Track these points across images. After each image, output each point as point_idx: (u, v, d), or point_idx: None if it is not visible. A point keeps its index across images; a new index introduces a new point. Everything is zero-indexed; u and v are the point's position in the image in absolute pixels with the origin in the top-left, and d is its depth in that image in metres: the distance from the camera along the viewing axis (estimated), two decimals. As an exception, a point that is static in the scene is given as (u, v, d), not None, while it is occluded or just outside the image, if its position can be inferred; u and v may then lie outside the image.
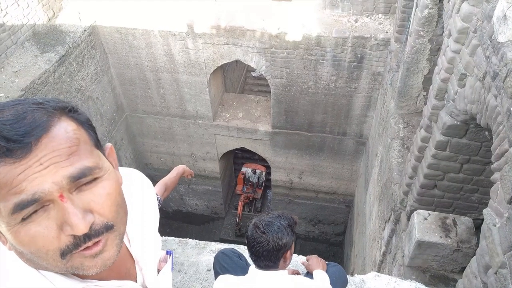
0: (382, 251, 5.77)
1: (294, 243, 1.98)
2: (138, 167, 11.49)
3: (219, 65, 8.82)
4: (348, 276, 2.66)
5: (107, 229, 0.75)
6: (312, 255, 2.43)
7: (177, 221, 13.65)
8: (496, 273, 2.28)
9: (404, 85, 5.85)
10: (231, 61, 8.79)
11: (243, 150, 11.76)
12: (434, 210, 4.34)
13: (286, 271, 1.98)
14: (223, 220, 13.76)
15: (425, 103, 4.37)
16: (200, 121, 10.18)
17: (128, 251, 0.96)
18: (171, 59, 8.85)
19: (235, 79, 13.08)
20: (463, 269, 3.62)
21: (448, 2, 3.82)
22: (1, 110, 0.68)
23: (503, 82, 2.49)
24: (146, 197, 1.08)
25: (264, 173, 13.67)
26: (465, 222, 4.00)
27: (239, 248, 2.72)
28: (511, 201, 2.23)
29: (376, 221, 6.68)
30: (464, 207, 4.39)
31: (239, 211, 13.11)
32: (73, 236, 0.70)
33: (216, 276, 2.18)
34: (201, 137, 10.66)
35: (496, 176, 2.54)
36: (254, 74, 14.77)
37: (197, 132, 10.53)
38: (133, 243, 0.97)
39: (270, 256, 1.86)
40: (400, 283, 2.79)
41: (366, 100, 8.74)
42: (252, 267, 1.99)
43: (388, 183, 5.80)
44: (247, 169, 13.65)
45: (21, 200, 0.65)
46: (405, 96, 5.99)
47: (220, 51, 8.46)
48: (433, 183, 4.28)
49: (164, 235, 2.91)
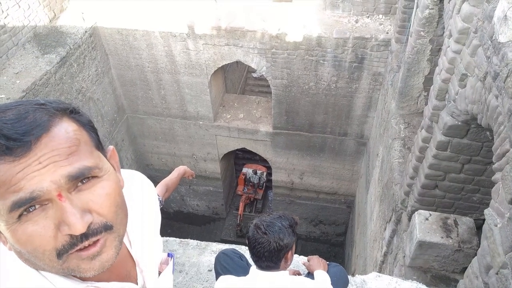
0: (383, 252, 5.76)
1: (295, 244, 1.98)
2: (139, 168, 11.51)
3: (220, 66, 8.83)
4: (349, 277, 2.65)
5: (106, 229, 0.74)
6: (313, 255, 2.43)
7: (178, 221, 13.65)
8: (497, 274, 2.27)
9: (405, 85, 5.85)
10: (231, 62, 8.79)
11: (244, 150, 11.76)
12: (435, 211, 4.34)
13: (287, 271, 1.98)
14: (224, 220, 13.76)
15: (426, 104, 4.36)
16: (201, 122, 10.19)
17: (129, 252, 0.96)
18: (171, 60, 8.85)
19: (235, 80, 13.09)
20: (464, 269, 3.62)
21: (449, 2, 3.82)
22: (4, 111, 0.69)
23: (504, 82, 2.48)
24: (147, 199, 1.08)
25: (265, 173, 13.66)
26: (466, 222, 3.99)
27: (240, 249, 2.72)
28: (512, 201, 2.23)
29: (377, 221, 6.67)
30: (465, 208, 4.39)
31: (240, 212, 13.11)
32: (70, 236, 0.70)
33: (217, 277, 2.18)
34: (202, 138, 10.67)
35: (497, 176, 2.54)
36: (254, 75, 14.78)
37: (198, 133, 10.54)
38: (134, 245, 0.97)
39: (271, 256, 1.85)
40: (401, 284, 2.78)
41: (367, 100, 8.74)
42: (253, 268, 1.99)
43: (389, 183, 5.79)
44: (248, 170, 13.65)
45: (19, 198, 0.65)
46: (406, 97, 5.98)
47: (220, 52, 8.46)
48: (434, 183, 4.28)
49: (165, 235, 2.92)
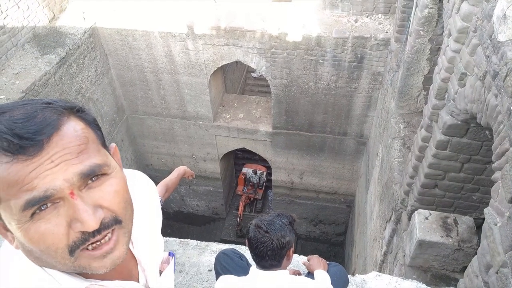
0: (383, 251, 5.77)
1: (295, 242, 1.99)
2: (138, 168, 11.50)
3: (219, 66, 8.83)
4: (349, 276, 2.66)
5: (116, 222, 0.76)
6: (313, 255, 2.43)
7: (178, 222, 13.65)
8: (497, 272, 2.28)
9: (405, 84, 5.85)
10: (231, 62, 8.79)
11: (243, 150, 11.76)
12: (435, 210, 4.34)
13: (287, 271, 1.98)
14: (224, 220, 13.76)
15: (426, 103, 4.37)
16: (201, 122, 10.19)
17: (131, 251, 0.97)
18: (171, 60, 8.85)
19: (235, 79, 13.09)
20: (464, 268, 3.62)
21: (448, 1, 3.83)
22: (10, 110, 0.70)
23: (503, 81, 2.49)
24: (149, 198, 1.09)
25: (265, 173, 13.66)
26: (466, 221, 4.00)
27: (240, 249, 2.72)
28: (512, 200, 2.23)
29: (377, 221, 6.68)
30: (465, 207, 4.39)
31: (240, 212, 13.11)
32: (82, 232, 0.71)
33: (217, 277, 2.18)
34: (201, 138, 10.67)
35: (497, 175, 2.54)
36: (254, 74, 14.78)
37: (198, 133, 10.54)
38: (135, 243, 0.98)
39: (274, 255, 1.86)
40: (401, 283, 2.79)
41: (367, 100, 8.74)
42: (253, 268, 1.99)
43: (389, 182, 5.80)
44: (247, 170, 13.65)
45: (33, 197, 0.66)
46: (406, 96, 5.99)
47: (220, 52, 8.46)
48: (434, 182, 4.28)
49: (165, 235, 2.91)
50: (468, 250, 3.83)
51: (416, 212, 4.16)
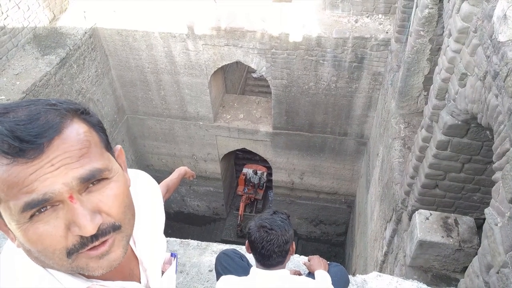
0: (383, 251, 5.77)
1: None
2: (139, 168, 11.32)
3: (220, 66, 8.83)
4: (350, 276, 2.66)
5: (114, 229, 0.76)
6: (313, 255, 2.43)
7: (178, 222, 13.65)
8: (498, 273, 2.28)
9: (405, 85, 5.85)
10: (231, 62, 8.79)
11: (244, 151, 11.76)
12: (436, 210, 4.34)
13: (288, 270, 1.98)
14: (224, 221, 13.76)
15: (426, 103, 4.37)
16: (201, 122, 10.19)
17: (133, 251, 0.97)
18: (171, 61, 8.86)
19: (235, 80, 13.09)
20: (465, 268, 3.62)
21: (448, 1, 3.83)
22: (14, 110, 0.69)
23: (503, 82, 2.49)
24: (152, 198, 1.09)
25: (265, 173, 13.66)
26: (466, 221, 4.00)
27: (241, 249, 2.72)
28: (512, 200, 2.23)
29: (377, 221, 6.67)
30: (466, 207, 4.39)
31: (240, 212, 13.11)
32: (80, 236, 0.71)
33: (217, 277, 2.18)
34: (202, 138, 10.67)
35: (497, 175, 2.54)
36: (254, 75, 14.78)
37: (198, 133, 10.54)
38: (138, 244, 0.98)
39: (281, 251, 1.88)
40: (402, 283, 2.79)
41: (367, 100, 8.74)
42: (253, 268, 1.99)
43: (389, 183, 5.80)
44: (248, 170, 13.65)
45: (32, 199, 0.66)
46: (406, 96, 5.99)
47: (220, 52, 8.47)
48: (434, 182, 4.28)
49: (166, 236, 2.90)
50: (469, 250, 3.83)
51: (416, 212, 4.16)
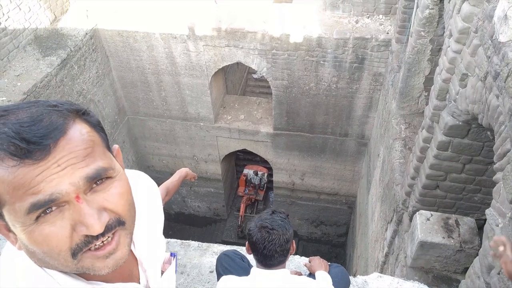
0: (384, 252, 5.76)
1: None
2: (140, 169, 11.42)
3: (220, 67, 8.83)
4: (351, 277, 2.65)
5: (119, 224, 0.76)
6: (314, 256, 2.43)
7: (179, 223, 13.66)
8: (499, 274, 2.27)
9: (406, 85, 5.85)
10: (232, 63, 8.80)
11: (244, 151, 11.77)
12: (437, 211, 4.33)
13: (288, 270, 1.98)
14: (225, 222, 13.76)
15: (427, 104, 4.36)
16: (202, 123, 10.20)
17: (132, 252, 0.97)
18: (172, 62, 8.86)
19: (236, 81, 13.10)
20: (466, 269, 3.61)
21: (449, 2, 3.82)
22: (14, 112, 0.70)
23: (504, 82, 2.49)
24: (151, 198, 1.09)
25: (266, 174, 13.66)
26: (467, 222, 3.99)
27: (242, 250, 2.72)
28: (513, 201, 2.23)
29: (378, 222, 6.67)
30: (467, 208, 4.38)
31: (241, 213, 13.11)
32: (85, 235, 0.71)
33: (218, 278, 2.18)
34: (202, 139, 10.67)
35: (498, 176, 2.54)
36: (255, 76, 14.79)
37: (199, 134, 10.55)
38: (137, 244, 0.98)
39: (283, 250, 1.89)
40: (402, 284, 2.78)
41: (368, 101, 8.74)
42: (254, 268, 1.99)
43: (390, 184, 5.79)
44: (249, 171, 13.65)
45: (38, 200, 0.66)
46: (407, 97, 5.98)
47: (221, 53, 8.47)
48: (435, 183, 4.27)
49: (167, 237, 2.91)
50: (470, 251, 3.82)
51: (417, 213, 4.15)
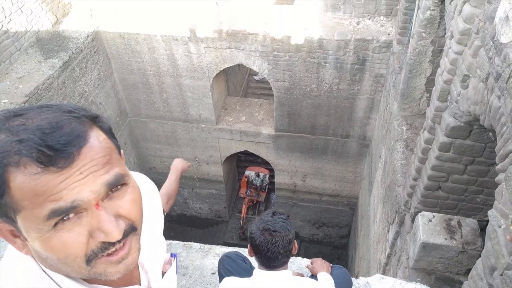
0: (386, 254, 5.75)
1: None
2: (141, 171, 11.50)
3: (222, 69, 8.85)
4: (353, 279, 2.65)
5: (132, 229, 0.77)
6: (316, 258, 2.42)
7: (181, 225, 13.66)
8: (502, 275, 2.27)
9: (407, 87, 5.84)
10: (233, 65, 8.81)
11: (246, 153, 11.76)
12: (439, 212, 4.32)
13: (290, 271, 1.98)
14: (227, 223, 13.76)
15: (428, 105, 4.36)
16: (203, 125, 10.21)
17: None
18: (173, 64, 8.88)
19: (237, 82, 13.11)
20: (468, 271, 3.60)
21: (450, 3, 3.82)
22: (31, 116, 0.69)
23: (506, 83, 2.48)
24: (151, 200, 1.09)
25: (268, 176, 13.65)
26: (470, 223, 3.98)
27: (244, 252, 2.72)
28: (516, 202, 2.22)
29: (380, 223, 6.66)
30: (469, 209, 4.37)
31: (243, 215, 13.10)
32: (102, 242, 0.72)
33: (220, 280, 2.18)
34: (204, 141, 10.68)
35: (500, 177, 2.53)
36: (256, 77, 14.80)
37: (200, 136, 10.55)
38: None
39: (286, 251, 1.89)
40: (405, 285, 2.77)
41: (369, 102, 8.74)
42: (256, 269, 1.99)
43: (392, 185, 5.78)
44: (250, 172, 13.64)
45: (59, 207, 0.66)
46: (408, 98, 5.98)
47: (222, 55, 8.48)
48: (437, 184, 4.27)
49: (168, 239, 2.92)
50: (472, 252, 3.81)
51: (419, 214, 4.14)
